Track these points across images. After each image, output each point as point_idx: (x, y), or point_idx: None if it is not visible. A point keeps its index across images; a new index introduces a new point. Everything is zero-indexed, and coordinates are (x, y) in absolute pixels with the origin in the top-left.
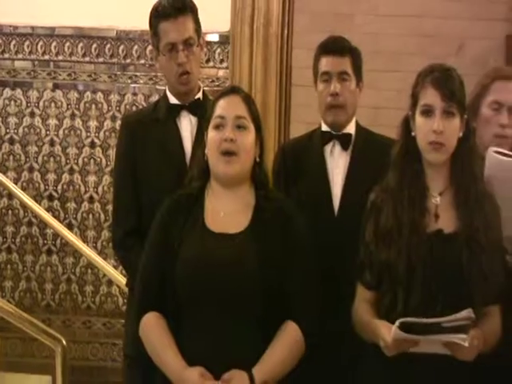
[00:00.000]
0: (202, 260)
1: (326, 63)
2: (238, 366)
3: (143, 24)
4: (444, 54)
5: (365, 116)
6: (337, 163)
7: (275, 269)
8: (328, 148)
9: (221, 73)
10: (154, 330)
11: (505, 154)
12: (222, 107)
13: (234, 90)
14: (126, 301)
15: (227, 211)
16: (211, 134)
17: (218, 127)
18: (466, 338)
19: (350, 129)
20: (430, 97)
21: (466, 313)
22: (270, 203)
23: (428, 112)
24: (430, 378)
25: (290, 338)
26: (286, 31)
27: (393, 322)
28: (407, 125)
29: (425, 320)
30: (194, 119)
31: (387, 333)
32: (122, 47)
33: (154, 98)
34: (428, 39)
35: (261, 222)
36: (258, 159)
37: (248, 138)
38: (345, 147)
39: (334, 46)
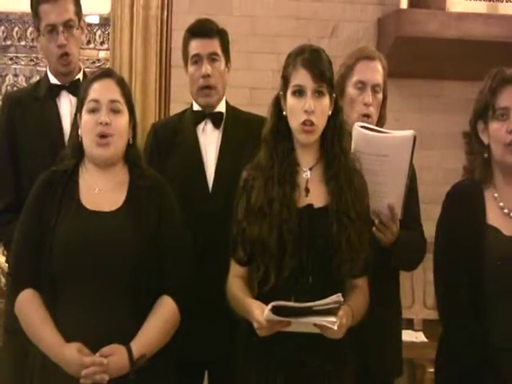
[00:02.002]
0: (78, 237)
1: (195, 46)
2: (115, 340)
3: (24, 6)
4: (318, 36)
5: (242, 96)
6: (209, 140)
7: (150, 244)
8: (200, 127)
9: (101, 54)
10: (29, 306)
11: (370, 129)
12: (96, 90)
13: (107, 74)
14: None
15: (102, 189)
16: (86, 118)
17: (92, 111)
18: (335, 321)
19: (221, 107)
20: (301, 77)
21: (336, 297)
22: (143, 181)
23: (299, 92)
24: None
25: (165, 312)
26: (165, 13)
27: (266, 294)
28: (278, 104)
29: (296, 304)
30: (73, 99)
31: (260, 314)
32: (2, 28)
33: (35, 79)
34: (303, 21)
35: (135, 199)
36: (131, 141)
37: (122, 121)
38: (216, 125)
39: (203, 29)
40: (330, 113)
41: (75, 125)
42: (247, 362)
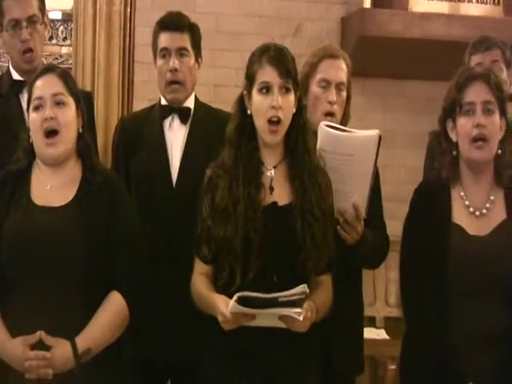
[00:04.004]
0: (25, 231)
1: (164, 39)
2: (65, 335)
3: None
4: (282, 35)
5: (205, 93)
6: (176, 136)
7: (99, 240)
8: (167, 121)
9: (64, 50)
10: None
11: (335, 128)
12: (38, 88)
13: (48, 69)
14: None
15: (53, 185)
16: (32, 116)
17: (37, 108)
18: (301, 312)
19: (189, 103)
20: (268, 74)
21: (301, 288)
22: (95, 176)
23: (266, 89)
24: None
25: (113, 307)
26: (128, 9)
27: (231, 295)
28: (242, 104)
29: (262, 295)
30: None
31: (225, 307)
32: None
33: None
34: (267, 20)
35: (86, 195)
36: (80, 130)
37: (68, 113)
38: (183, 121)
39: (173, 22)
40: (295, 110)
41: (26, 126)
42: (211, 362)
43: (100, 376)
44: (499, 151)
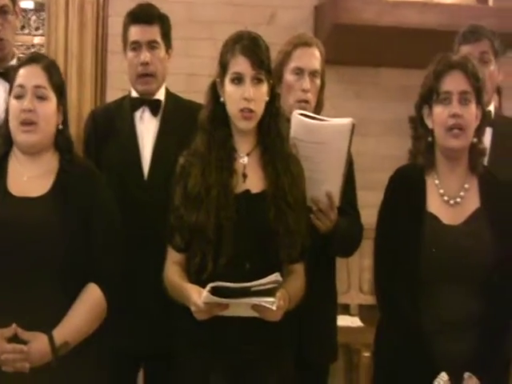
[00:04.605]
0: (3, 223)
1: (135, 32)
2: (43, 327)
3: None
4: (256, 23)
5: (179, 83)
6: (147, 128)
7: (77, 231)
8: (138, 114)
9: (36, 40)
10: None
11: (309, 116)
12: (21, 76)
13: (33, 59)
14: None
15: (30, 176)
16: (11, 103)
17: (18, 97)
18: (274, 301)
19: (160, 95)
20: (240, 65)
21: (274, 277)
22: (73, 168)
23: (238, 79)
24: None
25: (90, 300)
26: None
27: (203, 282)
28: (215, 91)
29: (234, 284)
30: (8, 86)
31: (198, 297)
32: None
33: None
34: (240, 8)
35: (63, 186)
36: (60, 127)
37: (48, 108)
38: (154, 113)
39: (143, 15)
40: (268, 99)
41: (7, 111)
42: (184, 351)
43: (76, 368)
44: (475, 140)
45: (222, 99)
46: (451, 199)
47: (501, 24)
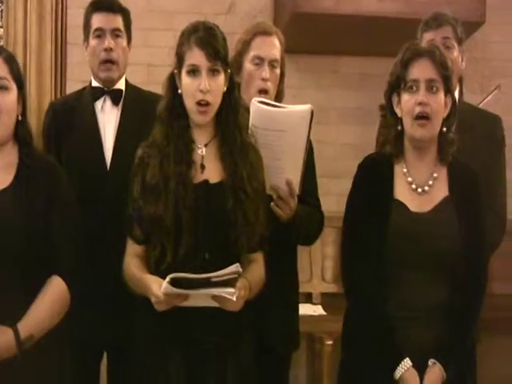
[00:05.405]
0: None
1: (99, 20)
2: (5, 321)
3: None
4: (215, 13)
5: (139, 73)
6: (108, 118)
7: (38, 225)
8: (99, 104)
9: None
10: None
11: (268, 104)
12: None
13: None
14: None
15: None
16: None
17: None
18: (234, 291)
19: (121, 85)
20: (196, 57)
21: (234, 267)
22: (33, 161)
23: (194, 71)
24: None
25: (53, 292)
26: None
27: (163, 273)
28: (173, 82)
29: (194, 275)
30: None
31: (157, 288)
32: None
33: None
34: None
35: (24, 179)
36: (20, 118)
37: (9, 98)
38: (115, 103)
39: (106, 3)
40: (225, 89)
41: None
42: (144, 342)
43: (39, 359)
44: (444, 129)
45: (179, 91)
46: (419, 187)
47: (459, 12)
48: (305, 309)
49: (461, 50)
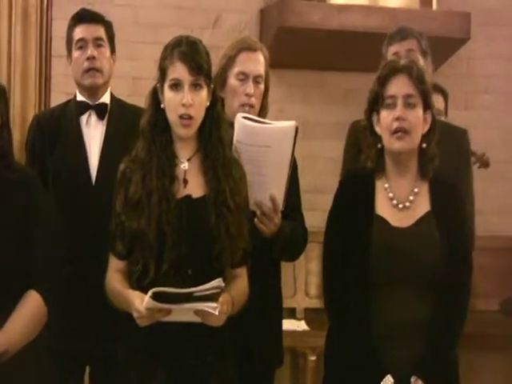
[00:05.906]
0: None
1: (81, 31)
2: None
3: None
4: (201, 27)
5: (125, 86)
6: (93, 133)
7: (13, 238)
8: (84, 118)
9: None
10: None
11: (252, 120)
12: None
13: None
14: None
15: None
16: None
17: None
18: (216, 306)
19: (105, 98)
20: (178, 71)
21: (216, 282)
22: (11, 174)
23: (176, 86)
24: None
25: (30, 307)
26: (45, 2)
27: (145, 288)
28: (155, 96)
29: (177, 290)
30: None
31: (140, 303)
32: None
33: None
34: (185, 11)
35: (1, 192)
36: None
37: None
38: (101, 117)
39: (88, 15)
40: (208, 104)
41: None
42: (127, 356)
43: (16, 370)
44: (424, 145)
45: (162, 105)
46: (400, 203)
47: (444, 28)
48: (288, 324)
49: (426, 62)
